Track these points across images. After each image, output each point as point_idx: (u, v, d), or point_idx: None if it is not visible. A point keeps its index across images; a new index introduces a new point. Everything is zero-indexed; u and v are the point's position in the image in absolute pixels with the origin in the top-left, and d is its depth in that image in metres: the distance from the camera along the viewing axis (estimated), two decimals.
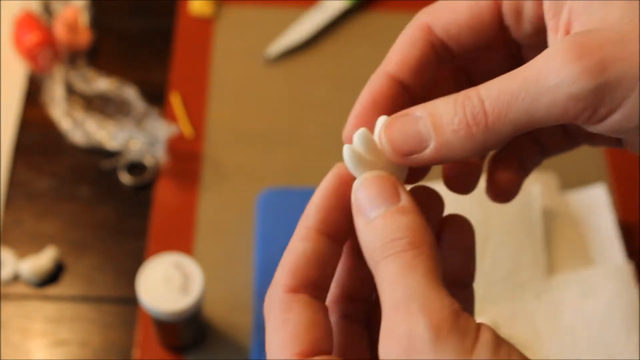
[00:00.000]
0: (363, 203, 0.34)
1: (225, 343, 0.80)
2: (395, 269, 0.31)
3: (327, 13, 1.00)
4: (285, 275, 0.34)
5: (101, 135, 0.90)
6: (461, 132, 0.33)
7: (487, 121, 0.33)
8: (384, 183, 0.34)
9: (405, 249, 0.32)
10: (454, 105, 0.33)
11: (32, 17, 0.95)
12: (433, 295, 0.31)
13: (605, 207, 0.84)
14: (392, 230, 0.32)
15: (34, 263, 0.83)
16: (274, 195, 0.86)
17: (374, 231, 0.33)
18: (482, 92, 0.33)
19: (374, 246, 0.33)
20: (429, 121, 0.34)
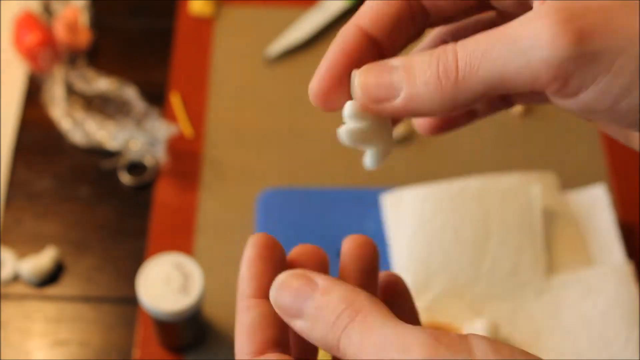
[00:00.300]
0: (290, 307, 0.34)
1: (225, 343, 0.80)
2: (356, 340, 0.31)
3: (327, 13, 1.00)
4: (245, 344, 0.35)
5: (101, 135, 0.90)
6: (431, 85, 0.32)
7: (457, 76, 0.32)
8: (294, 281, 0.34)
9: (352, 317, 0.32)
10: (429, 57, 0.33)
11: (32, 17, 0.95)
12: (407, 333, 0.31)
13: (605, 207, 0.84)
14: (330, 312, 0.32)
15: (34, 263, 0.83)
16: (274, 195, 0.86)
17: (316, 321, 0.33)
18: (459, 46, 0.32)
19: (324, 332, 0.32)
20: (402, 71, 0.33)
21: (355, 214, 0.84)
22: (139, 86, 0.94)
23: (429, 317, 0.77)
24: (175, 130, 0.88)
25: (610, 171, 0.91)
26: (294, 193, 0.86)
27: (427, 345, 0.30)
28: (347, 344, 0.32)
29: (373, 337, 0.31)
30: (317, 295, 0.33)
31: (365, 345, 0.31)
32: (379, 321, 0.31)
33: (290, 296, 0.34)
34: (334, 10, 1.00)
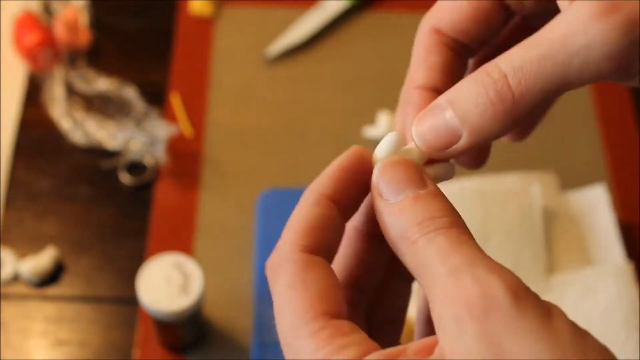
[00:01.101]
0: (388, 185, 0.32)
1: (225, 343, 0.80)
2: (443, 244, 0.30)
3: (327, 13, 1.00)
4: (302, 235, 0.32)
5: (101, 135, 0.90)
6: (488, 113, 0.32)
7: (514, 95, 0.31)
8: (410, 167, 0.33)
9: (449, 226, 0.31)
10: (474, 85, 0.32)
11: (32, 17, 0.95)
12: (495, 264, 0.29)
13: (605, 207, 0.84)
14: (427, 210, 0.31)
15: (34, 263, 0.83)
16: (274, 195, 0.86)
17: (403, 212, 0.31)
18: (502, 65, 0.31)
19: (406, 225, 0.31)
20: (452, 110, 0.33)
21: None
22: (139, 86, 0.94)
23: None
24: (175, 130, 0.88)
25: (610, 171, 0.91)
26: (294, 193, 0.86)
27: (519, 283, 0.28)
28: (427, 246, 0.30)
29: (462, 250, 0.30)
30: (422, 192, 0.32)
31: (449, 254, 0.29)
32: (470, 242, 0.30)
33: (398, 178, 0.32)
34: (334, 10, 1.00)
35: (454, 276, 0.29)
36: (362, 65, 0.97)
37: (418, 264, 0.31)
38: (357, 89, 0.96)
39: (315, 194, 0.34)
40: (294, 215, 0.33)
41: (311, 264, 0.32)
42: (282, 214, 0.84)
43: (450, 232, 0.30)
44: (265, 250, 0.83)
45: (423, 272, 0.30)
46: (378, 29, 1.00)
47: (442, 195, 0.32)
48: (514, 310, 0.27)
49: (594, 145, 0.92)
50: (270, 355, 0.77)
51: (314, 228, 0.33)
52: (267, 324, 0.79)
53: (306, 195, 0.34)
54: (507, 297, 0.28)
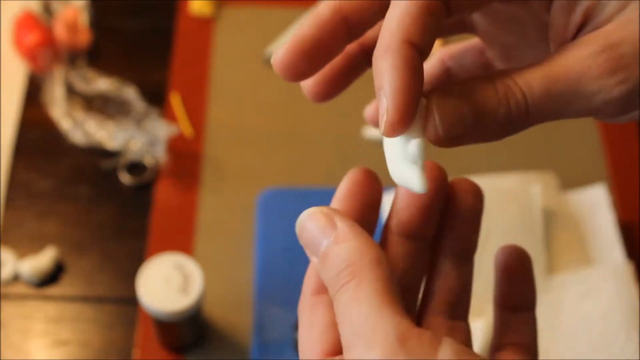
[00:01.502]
0: (309, 243, 0.35)
1: (225, 343, 0.80)
2: (342, 304, 0.33)
3: None
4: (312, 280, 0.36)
5: (101, 135, 0.90)
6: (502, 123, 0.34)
7: (528, 117, 0.34)
8: (319, 218, 0.35)
9: (348, 280, 0.33)
10: (496, 96, 0.34)
11: (32, 17, 0.95)
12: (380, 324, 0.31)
13: (605, 207, 0.84)
14: (334, 264, 0.33)
15: (34, 263, 0.83)
16: (274, 195, 0.86)
17: (323, 271, 0.34)
18: (525, 88, 0.33)
19: (328, 281, 0.34)
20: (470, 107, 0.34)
21: None
22: (139, 86, 0.93)
23: None
24: (175, 130, 0.88)
25: (610, 171, 0.91)
26: (294, 193, 0.86)
27: (390, 346, 0.30)
28: (337, 305, 0.33)
29: (353, 312, 0.32)
30: (330, 240, 0.34)
31: (345, 317, 0.32)
32: (366, 293, 0.32)
33: (312, 233, 0.35)
34: None
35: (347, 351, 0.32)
36: None
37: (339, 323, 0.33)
38: (357, 89, 0.95)
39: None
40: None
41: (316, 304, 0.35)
42: (282, 214, 0.85)
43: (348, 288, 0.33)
44: (265, 250, 0.83)
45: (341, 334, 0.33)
46: None
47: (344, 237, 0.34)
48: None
49: (594, 145, 0.92)
50: (270, 355, 0.77)
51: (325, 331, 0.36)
52: (267, 324, 0.79)
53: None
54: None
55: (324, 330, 0.35)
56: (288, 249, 0.83)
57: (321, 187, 0.88)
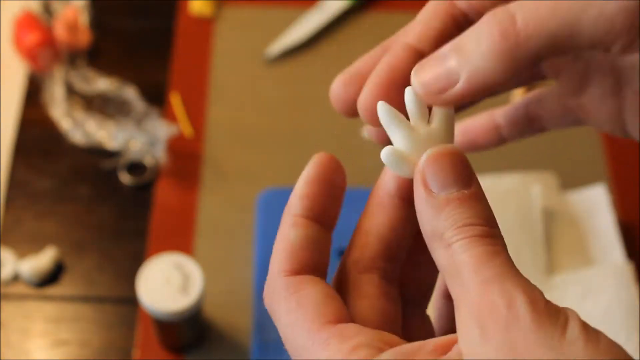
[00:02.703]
0: (434, 177, 0.32)
1: (225, 343, 0.80)
2: (477, 253, 0.31)
3: (327, 13, 1.00)
4: (283, 261, 0.33)
5: (101, 135, 0.90)
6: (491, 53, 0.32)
7: (519, 35, 0.31)
8: (459, 162, 0.33)
9: (484, 235, 0.31)
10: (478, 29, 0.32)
11: (32, 17, 0.95)
12: (522, 278, 0.30)
13: (605, 207, 0.84)
14: (468, 215, 0.31)
15: (34, 263, 0.83)
16: (274, 195, 0.86)
17: (444, 211, 0.32)
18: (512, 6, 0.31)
19: (444, 226, 0.31)
20: (455, 54, 0.33)
21: (355, 214, 0.84)
22: (139, 86, 0.93)
23: None
24: (175, 130, 0.88)
25: (610, 171, 0.91)
26: None
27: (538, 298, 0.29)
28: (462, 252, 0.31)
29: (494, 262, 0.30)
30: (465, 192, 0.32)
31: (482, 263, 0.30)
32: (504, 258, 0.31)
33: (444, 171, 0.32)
34: (334, 10, 1.00)
35: (484, 287, 0.30)
36: None
37: (449, 266, 0.31)
38: None
39: (289, 217, 0.34)
40: (276, 241, 0.34)
41: (300, 283, 0.33)
42: (282, 214, 0.85)
43: (485, 241, 0.31)
44: (265, 250, 0.83)
45: (454, 276, 0.31)
46: (378, 29, 1.00)
47: (483, 199, 0.32)
48: (533, 323, 0.29)
49: (594, 145, 0.92)
50: (270, 355, 0.77)
51: (294, 251, 0.33)
52: (267, 324, 0.79)
53: (283, 218, 0.35)
54: (528, 311, 0.29)
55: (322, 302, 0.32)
56: None
57: None
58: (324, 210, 0.35)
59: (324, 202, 0.35)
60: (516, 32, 0.31)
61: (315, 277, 0.33)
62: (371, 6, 1.02)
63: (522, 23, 0.31)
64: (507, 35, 0.31)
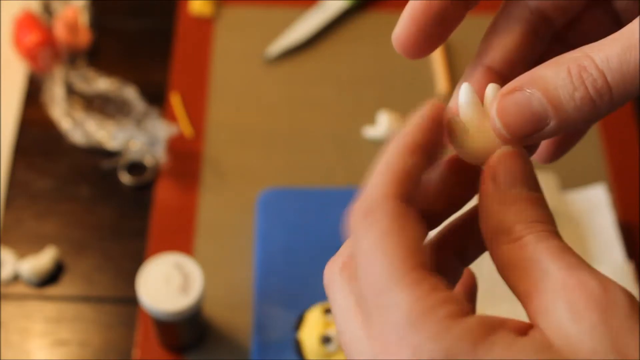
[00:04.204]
0: (506, 173, 0.32)
1: (225, 343, 0.80)
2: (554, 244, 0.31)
3: (327, 13, 1.00)
4: (394, 184, 0.31)
5: (101, 135, 0.90)
6: (585, 108, 0.31)
7: (612, 94, 0.31)
8: (529, 165, 0.33)
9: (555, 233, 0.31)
10: (569, 78, 0.31)
11: (32, 17, 0.95)
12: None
13: (605, 207, 0.84)
14: (538, 213, 0.32)
15: (34, 263, 0.83)
16: (274, 195, 0.86)
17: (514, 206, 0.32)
18: (600, 62, 0.31)
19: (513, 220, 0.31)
20: (543, 98, 0.32)
21: None
22: (139, 86, 0.93)
23: None
24: (175, 130, 0.88)
25: (610, 171, 0.91)
26: (294, 193, 0.86)
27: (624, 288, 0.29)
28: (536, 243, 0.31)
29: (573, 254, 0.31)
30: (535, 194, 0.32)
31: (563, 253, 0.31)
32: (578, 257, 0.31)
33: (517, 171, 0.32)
34: (334, 10, 1.00)
35: (572, 270, 0.30)
36: (362, 65, 0.97)
37: (518, 259, 0.31)
38: (357, 89, 0.96)
39: (410, 144, 0.32)
40: (385, 164, 0.32)
41: (406, 214, 0.30)
42: (282, 214, 0.85)
43: (555, 238, 0.31)
44: (265, 250, 0.83)
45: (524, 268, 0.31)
46: (378, 29, 1.00)
47: (548, 207, 0.33)
48: (633, 312, 0.29)
49: (594, 145, 0.92)
50: (270, 355, 0.77)
51: (409, 178, 0.32)
52: (267, 324, 0.79)
53: (397, 144, 0.32)
54: (626, 299, 0.29)
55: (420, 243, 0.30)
56: (288, 249, 0.83)
57: (321, 187, 0.88)
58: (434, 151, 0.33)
59: (434, 140, 0.33)
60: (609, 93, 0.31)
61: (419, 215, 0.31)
62: (371, 6, 1.02)
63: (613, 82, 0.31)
64: (602, 95, 0.31)
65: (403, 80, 0.96)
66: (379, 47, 0.99)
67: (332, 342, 0.72)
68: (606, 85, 0.31)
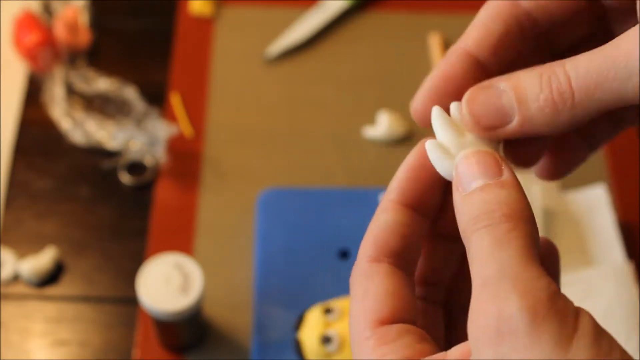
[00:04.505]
0: (463, 176, 0.33)
1: (225, 343, 0.80)
2: (487, 243, 0.30)
3: (327, 13, 1.00)
4: (368, 246, 0.34)
5: (101, 135, 0.90)
6: (547, 109, 0.32)
7: (574, 99, 0.32)
8: (486, 157, 0.33)
9: (499, 221, 0.31)
10: (539, 80, 0.33)
11: (32, 17, 0.95)
12: (527, 274, 0.29)
13: (605, 207, 0.84)
14: (486, 203, 0.31)
15: (34, 263, 0.83)
16: (274, 195, 0.86)
17: (469, 203, 0.32)
18: (569, 69, 0.32)
19: (467, 218, 0.32)
20: (512, 95, 0.33)
21: (355, 214, 0.84)
22: (139, 86, 0.94)
23: None
24: (175, 130, 0.88)
25: (610, 171, 0.91)
26: (294, 193, 0.86)
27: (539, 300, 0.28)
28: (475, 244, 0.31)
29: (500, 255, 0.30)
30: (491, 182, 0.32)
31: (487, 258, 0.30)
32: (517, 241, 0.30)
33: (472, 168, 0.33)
34: (334, 10, 1.00)
35: (483, 288, 0.29)
36: (362, 65, 0.97)
37: (470, 262, 0.31)
38: (357, 89, 0.96)
39: (384, 202, 0.35)
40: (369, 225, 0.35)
41: (374, 274, 0.34)
42: (282, 214, 0.85)
43: (497, 229, 0.31)
44: (265, 250, 0.83)
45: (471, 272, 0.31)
46: (378, 29, 1.00)
47: (511, 186, 0.32)
48: (528, 334, 0.27)
49: None
50: (270, 355, 0.77)
51: (379, 237, 0.34)
52: (267, 324, 0.79)
53: (380, 203, 0.35)
54: (522, 319, 0.28)
55: (381, 299, 0.33)
56: (288, 249, 0.83)
57: (321, 187, 0.88)
58: (420, 197, 0.35)
59: (421, 189, 0.35)
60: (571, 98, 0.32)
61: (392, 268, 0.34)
62: (371, 6, 1.02)
63: (576, 88, 0.32)
64: (564, 98, 0.32)
65: (403, 80, 0.96)
66: (379, 47, 0.99)
67: (332, 342, 0.72)
68: (569, 90, 0.32)
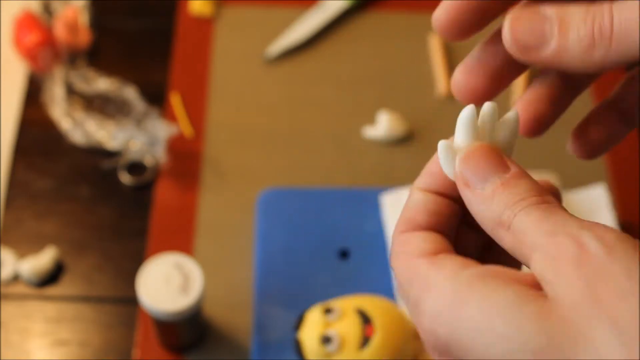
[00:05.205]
0: (474, 175, 0.35)
1: (225, 343, 0.80)
2: (536, 215, 0.32)
3: (327, 13, 1.00)
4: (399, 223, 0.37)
5: (101, 135, 0.90)
6: (584, 42, 0.33)
7: (612, 39, 0.33)
8: (490, 153, 0.35)
9: (537, 203, 0.33)
10: (584, 14, 0.33)
11: (32, 17, 0.95)
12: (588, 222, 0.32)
13: (605, 207, 0.84)
14: (516, 193, 0.33)
15: (34, 263, 0.83)
16: (274, 195, 0.86)
17: (494, 199, 0.34)
18: (615, 11, 0.33)
19: (499, 211, 0.33)
20: (556, 23, 0.34)
21: (355, 214, 0.84)
22: (139, 86, 0.94)
23: None
24: (175, 130, 0.88)
25: (610, 171, 0.91)
26: (294, 193, 0.86)
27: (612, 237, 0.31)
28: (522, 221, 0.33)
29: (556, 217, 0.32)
30: (507, 177, 0.34)
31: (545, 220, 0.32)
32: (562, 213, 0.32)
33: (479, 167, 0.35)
34: (334, 10, 1.00)
35: (549, 237, 0.32)
36: (362, 65, 0.97)
37: (516, 241, 0.33)
38: (357, 89, 0.96)
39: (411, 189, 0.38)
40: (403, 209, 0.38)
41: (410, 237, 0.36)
42: (282, 214, 0.85)
43: (540, 207, 0.33)
44: (265, 250, 0.83)
45: (521, 246, 0.33)
46: (378, 29, 1.00)
47: (526, 175, 0.34)
48: (606, 257, 0.30)
49: None
50: (270, 355, 0.77)
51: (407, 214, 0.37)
52: (267, 324, 0.79)
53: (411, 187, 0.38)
54: (599, 247, 0.30)
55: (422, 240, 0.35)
56: (288, 249, 0.83)
57: (321, 187, 0.88)
58: (446, 184, 0.37)
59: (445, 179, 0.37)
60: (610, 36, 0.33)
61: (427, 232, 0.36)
62: (371, 6, 1.02)
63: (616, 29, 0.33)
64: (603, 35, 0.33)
65: (403, 80, 0.96)
66: (379, 47, 0.99)
67: (332, 342, 0.72)
68: (610, 28, 0.33)
